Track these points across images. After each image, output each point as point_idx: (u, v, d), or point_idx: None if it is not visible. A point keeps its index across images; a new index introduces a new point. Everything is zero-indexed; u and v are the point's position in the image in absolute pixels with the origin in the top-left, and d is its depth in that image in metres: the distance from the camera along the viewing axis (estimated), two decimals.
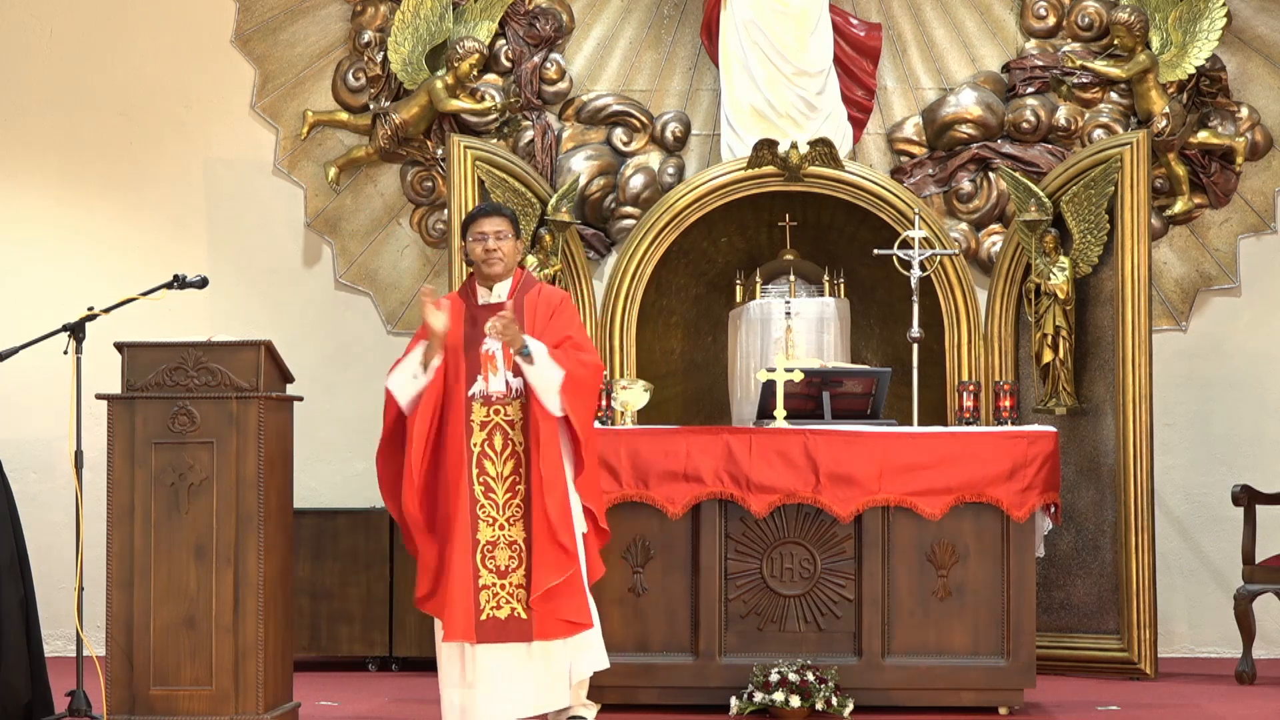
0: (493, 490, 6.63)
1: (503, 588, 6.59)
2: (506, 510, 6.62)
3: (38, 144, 9.73)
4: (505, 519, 6.62)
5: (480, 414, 6.66)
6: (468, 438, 6.62)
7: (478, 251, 6.78)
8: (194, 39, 9.69)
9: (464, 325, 6.72)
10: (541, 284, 6.89)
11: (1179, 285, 9.56)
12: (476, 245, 6.78)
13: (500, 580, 6.59)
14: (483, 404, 6.66)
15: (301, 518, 8.53)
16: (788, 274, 9.15)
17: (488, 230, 6.77)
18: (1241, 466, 9.40)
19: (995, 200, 9.50)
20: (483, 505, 6.62)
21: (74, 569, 6.61)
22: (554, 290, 6.89)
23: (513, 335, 6.53)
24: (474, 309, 6.76)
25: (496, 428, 6.65)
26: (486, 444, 6.65)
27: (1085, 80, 9.46)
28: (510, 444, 6.66)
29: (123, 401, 6.52)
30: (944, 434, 7.66)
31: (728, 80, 9.27)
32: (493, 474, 6.63)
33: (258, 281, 9.69)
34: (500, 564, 6.60)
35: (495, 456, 6.65)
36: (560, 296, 6.85)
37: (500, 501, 6.63)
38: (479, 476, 6.63)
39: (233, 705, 6.43)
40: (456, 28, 9.52)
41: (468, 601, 6.53)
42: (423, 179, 9.63)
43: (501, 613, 6.58)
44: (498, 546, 6.60)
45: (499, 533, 6.61)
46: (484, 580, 6.58)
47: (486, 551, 6.60)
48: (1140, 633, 8.58)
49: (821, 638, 7.59)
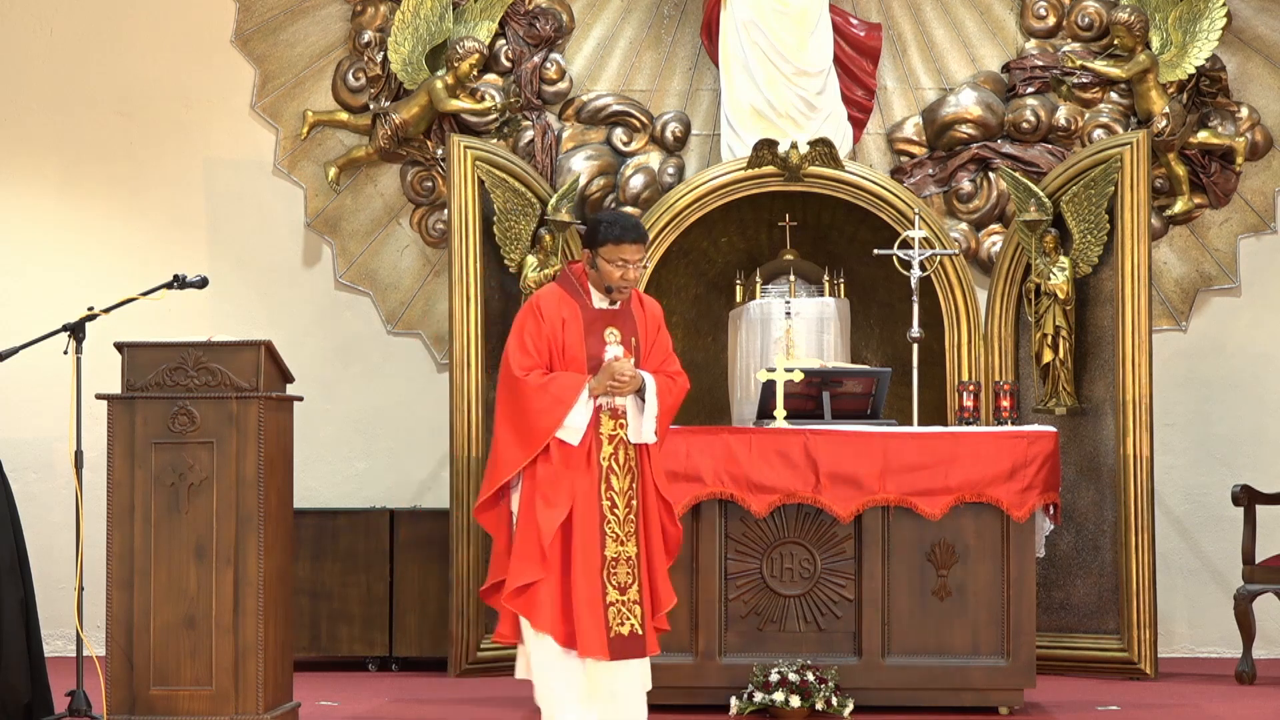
0: (617, 506, 6.45)
1: (624, 604, 6.44)
2: (625, 526, 6.46)
3: (38, 144, 9.73)
4: (625, 534, 6.46)
5: (608, 426, 6.46)
6: (598, 450, 6.44)
7: (615, 276, 6.44)
8: (194, 39, 9.69)
9: (584, 330, 6.46)
10: (636, 291, 6.64)
11: (1179, 285, 9.56)
12: (615, 270, 6.43)
13: (622, 596, 6.44)
14: (610, 416, 6.46)
15: (301, 518, 8.52)
16: (788, 274, 9.15)
17: (631, 260, 6.44)
18: (1241, 466, 9.40)
19: (995, 200, 9.51)
20: (609, 521, 6.43)
21: (74, 569, 6.61)
22: (651, 300, 6.70)
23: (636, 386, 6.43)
24: (590, 312, 6.49)
25: (620, 442, 6.47)
26: (613, 458, 6.47)
27: (1085, 80, 9.46)
28: (628, 459, 6.49)
29: (123, 401, 6.52)
30: (944, 434, 7.66)
31: (728, 80, 9.27)
32: (618, 489, 6.46)
33: (258, 281, 9.68)
34: (621, 580, 6.43)
35: (619, 471, 6.47)
36: (660, 309, 6.70)
37: (622, 517, 6.46)
38: (607, 492, 6.44)
39: (233, 705, 6.43)
40: (456, 28, 9.52)
41: (598, 618, 6.37)
42: (423, 179, 9.63)
43: (624, 629, 6.43)
44: (619, 563, 6.44)
45: (620, 549, 6.45)
46: (610, 597, 6.41)
47: (611, 569, 6.42)
48: (1140, 633, 8.58)
49: (821, 638, 7.59)
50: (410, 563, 9.02)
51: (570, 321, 6.44)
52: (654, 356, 6.54)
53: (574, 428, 6.35)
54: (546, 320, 6.44)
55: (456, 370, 8.80)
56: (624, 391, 6.38)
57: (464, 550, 8.69)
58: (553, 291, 6.56)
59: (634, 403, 6.46)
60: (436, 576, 8.92)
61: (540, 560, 6.35)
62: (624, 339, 6.48)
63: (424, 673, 8.87)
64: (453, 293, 8.83)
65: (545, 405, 6.36)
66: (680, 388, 6.58)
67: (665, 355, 6.58)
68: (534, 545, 6.36)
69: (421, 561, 8.99)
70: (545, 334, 6.44)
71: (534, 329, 6.45)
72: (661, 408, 6.46)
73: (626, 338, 6.49)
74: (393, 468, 9.65)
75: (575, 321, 6.45)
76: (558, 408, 6.34)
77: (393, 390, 9.68)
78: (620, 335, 6.48)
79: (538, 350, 6.43)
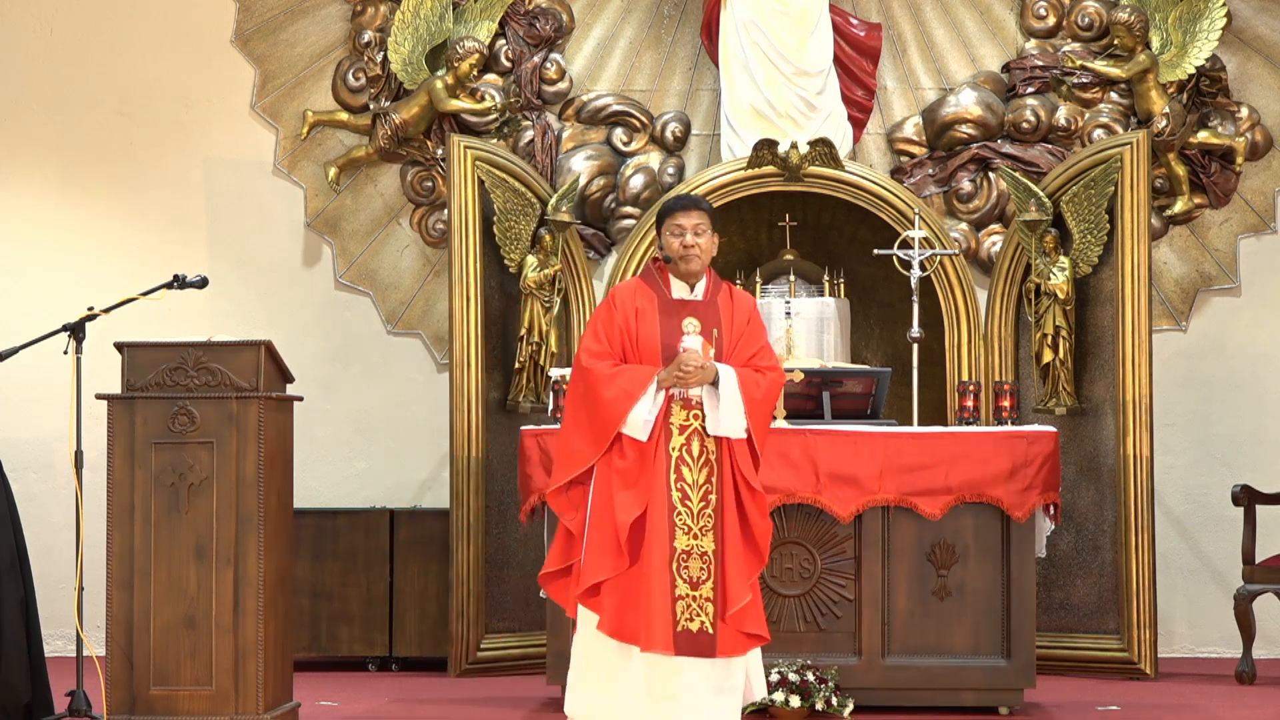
0: (689, 498, 6.27)
1: (694, 600, 6.24)
2: (700, 519, 6.27)
3: (38, 144, 9.73)
4: (699, 528, 6.27)
5: (680, 417, 6.28)
6: (667, 441, 6.28)
7: (675, 246, 6.33)
8: (194, 39, 9.69)
9: (659, 319, 6.33)
10: (729, 284, 6.50)
11: (1179, 285, 9.56)
12: (674, 240, 6.31)
13: (693, 592, 6.24)
14: (682, 406, 6.28)
15: (301, 518, 8.53)
16: (788, 274, 9.15)
17: (686, 225, 6.32)
18: (1241, 466, 9.39)
19: (995, 200, 9.51)
20: (680, 513, 6.26)
21: (74, 569, 6.61)
22: (743, 293, 6.52)
23: (708, 378, 6.25)
24: (668, 303, 6.35)
25: (695, 433, 6.29)
26: (685, 449, 6.29)
27: (1085, 80, 9.46)
28: (705, 451, 6.30)
29: (123, 401, 6.52)
30: (944, 434, 7.66)
31: (728, 80, 9.28)
32: (690, 481, 6.28)
33: (258, 281, 9.69)
34: (692, 575, 6.24)
35: (692, 463, 6.29)
36: (753, 302, 6.51)
37: (695, 510, 6.27)
38: (677, 483, 6.27)
39: (233, 705, 6.43)
40: (456, 28, 9.52)
41: (666, 611, 6.19)
42: (423, 179, 9.63)
43: (694, 625, 6.23)
44: (691, 556, 6.25)
45: (692, 542, 6.25)
46: (679, 590, 6.22)
47: (681, 561, 6.24)
48: (1140, 633, 8.58)
49: (821, 638, 7.59)
50: (410, 563, 9.01)
51: (645, 311, 6.33)
52: (744, 349, 6.36)
53: (639, 423, 6.22)
54: (620, 310, 6.33)
55: (456, 370, 8.80)
56: (691, 382, 6.22)
57: (464, 550, 8.69)
58: (631, 283, 6.47)
59: (710, 394, 6.29)
60: (436, 576, 8.92)
61: (615, 555, 6.21)
62: (704, 329, 6.32)
63: (424, 673, 8.87)
64: (453, 293, 8.82)
65: (613, 396, 6.24)
66: (771, 381, 6.35)
67: (758, 348, 6.38)
68: (609, 540, 6.22)
69: (421, 561, 9.00)
70: (618, 324, 6.33)
71: (606, 319, 6.36)
72: (747, 399, 6.26)
73: (708, 328, 6.32)
74: (393, 468, 9.65)
75: (650, 311, 6.34)
76: (625, 400, 6.23)
77: (393, 390, 9.68)
78: (701, 326, 6.33)
79: (609, 340, 6.32)
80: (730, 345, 6.33)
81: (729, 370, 6.25)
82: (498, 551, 8.86)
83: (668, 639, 6.15)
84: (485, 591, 8.74)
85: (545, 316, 8.97)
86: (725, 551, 6.24)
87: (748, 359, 6.34)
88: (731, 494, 6.28)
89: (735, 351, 6.33)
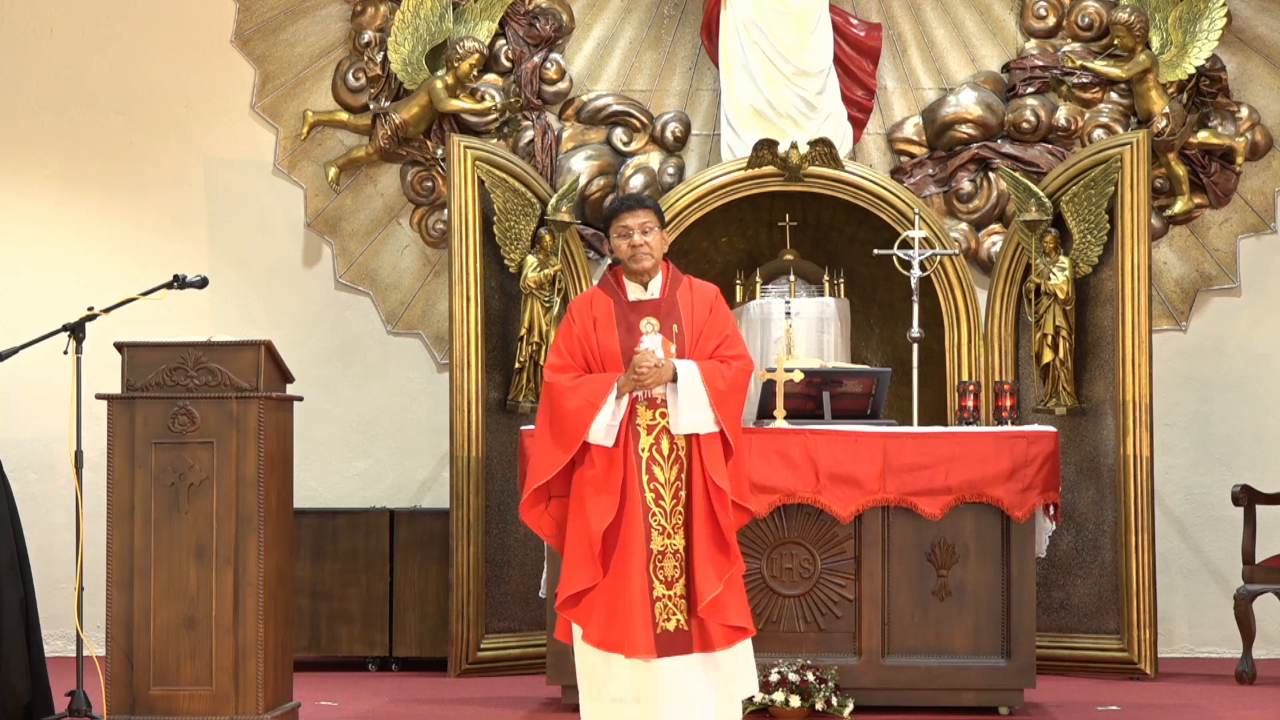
0: (662, 497, 6.26)
1: (670, 599, 6.24)
2: (673, 518, 6.26)
3: (38, 144, 9.73)
4: (671, 526, 6.26)
5: (646, 417, 6.26)
6: (636, 443, 6.27)
7: (623, 248, 6.30)
8: (194, 39, 9.69)
9: (618, 326, 6.32)
10: (689, 278, 6.47)
11: (1179, 285, 9.56)
12: (621, 241, 6.30)
13: (669, 591, 6.24)
14: (647, 406, 6.26)
15: (301, 518, 8.53)
16: (788, 274, 9.15)
17: (633, 225, 6.30)
18: (1241, 466, 9.40)
19: (995, 200, 9.51)
20: (654, 514, 6.25)
21: (74, 569, 6.61)
22: (704, 284, 6.47)
23: (666, 377, 6.22)
24: (625, 306, 6.35)
25: (663, 431, 6.27)
26: (654, 449, 6.28)
27: (1085, 80, 9.46)
28: (675, 448, 6.28)
29: (123, 401, 6.52)
30: (944, 434, 7.66)
31: (728, 80, 9.28)
32: (662, 480, 6.27)
33: (258, 281, 9.69)
34: (668, 574, 6.24)
35: (664, 461, 6.28)
36: (714, 292, 6.46)
37: (668, 509, 6.26)
38: (650, 483, 6.26)
39: (233, 705, 6.43)
40: (456, 28, 9.52)
41: (646, 615, 6.19)
42: (423, 179, 9.64)
43: (670, 624, 6.23)
44: (665, 556, 6.25)
45: (666, 542, 6.25)
46: (657, 592, 6.22)
47: (657, 562, 6.24)
48: (1140, 633, 8.58)
49: (821, 638, 7.59)
50: (410, 563, 9.01)
51: (602, 318, 6.34)
52: (707, 340, 6.33)
53: (602, 429, 6.22)
54: (578, 322, 6.36)
55: (456, 370, 8.79)
56: (649, 383, 6.21)
57: (464, 550, 8.69)
58: (588, 293, 6.49)
59: (673, 391, 6.27)
60: (436, 576, 8.92)
61: (592, 564, 6.22)
62: (664, 327, 6.31)
63: (424, 673, 8.87)
64: (453, 293, 8.82)
65: (576, 406, 6.25)
66: (737, 371, 6.31)
67: (722, 338, 6.35)
68: (585, 550, 6.23)
69: (421, 561, 9.00)
70: (577, 335, 6.35)
71: (566, 332, 6.39)
72: (711, 391, 6.24)
73: (667, 326, 6.31)
74: (393, 468, 9.65)
75: (607, 317, 6.34)
76: (587, 410, 6.24)
77: (393, 390, 9.68)
78: (659, 324, 6.32)
79: (570, 352, 6.34)
80: (693, 339, 6.31)
81: (687, 365, 6.24)
82: (498, 551, 8.86)
83: (649, 642, 6.16)
84: (485, 591, 8.74)
85: (545, 316, 8.97)
86: (694, 546, 6.24)
87: (712, 350, 6.31)
88: (701, 489, 6.27)
89: (699, 344, 6.31)
